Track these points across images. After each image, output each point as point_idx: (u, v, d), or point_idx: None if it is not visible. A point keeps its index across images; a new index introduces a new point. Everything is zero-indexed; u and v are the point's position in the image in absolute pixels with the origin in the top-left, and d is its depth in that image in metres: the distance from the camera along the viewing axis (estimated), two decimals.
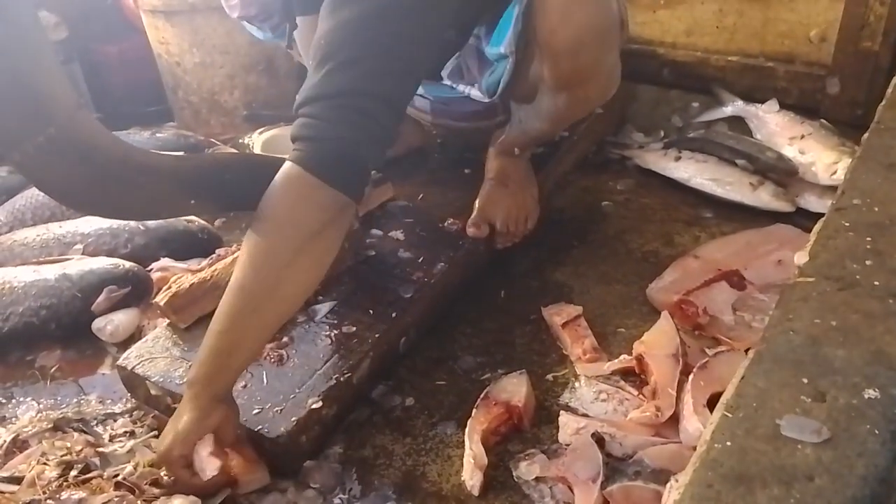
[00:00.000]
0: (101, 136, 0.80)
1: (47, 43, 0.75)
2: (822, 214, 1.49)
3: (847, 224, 0.93)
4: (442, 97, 1.46)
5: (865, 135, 1.15)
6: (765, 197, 1.58)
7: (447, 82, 1.33)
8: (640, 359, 1.19)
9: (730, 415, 0.67)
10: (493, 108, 1.46)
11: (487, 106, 1.41)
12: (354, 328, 1.23)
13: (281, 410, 1.09)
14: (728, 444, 0.65)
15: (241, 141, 1.96)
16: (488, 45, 1.23)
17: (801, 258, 0.88)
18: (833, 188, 1.57)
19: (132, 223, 1.51)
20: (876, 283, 0.83)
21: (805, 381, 0.71)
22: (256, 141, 1.78)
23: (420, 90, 1.43)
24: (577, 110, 1.35)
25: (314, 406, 1.09)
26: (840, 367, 0.72)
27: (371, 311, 1.26)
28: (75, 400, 1.25)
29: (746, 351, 1.18)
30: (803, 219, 1.54)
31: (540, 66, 1.23)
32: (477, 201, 1.46)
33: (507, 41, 1.19)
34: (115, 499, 0.93)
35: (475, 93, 1.31)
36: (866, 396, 0.69)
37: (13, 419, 1.21)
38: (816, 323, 0.78)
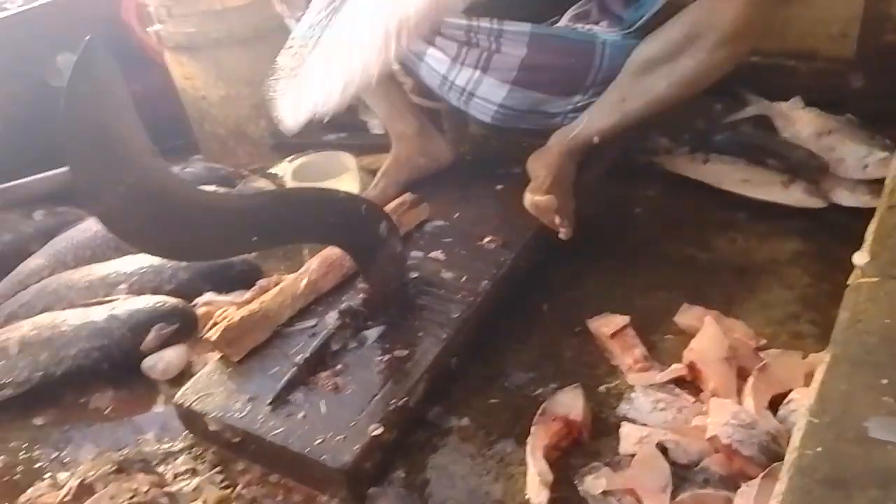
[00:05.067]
0: (172, 180, 0.83)
1: (127, 95, 0.78)
2: (855, 209, 1.50)
3: None
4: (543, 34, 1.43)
5: None
6: (797, 195, 1.58)
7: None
8: (692, 366, 1.19)
9: (816, 420, 0.68)
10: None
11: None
12: (406, 351, 1.23)
13: (344, 439, 1.09)
14: (819, 449, 0.65)
15: (269, 171, 1.98)
16: None
17: (860, 259, 0.89)
18: (865, 182, 1.57)
19: None
20: None
21: (885, 381, 0.72)
22: (286, 169, 1.79)
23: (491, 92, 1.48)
24: (720, 68, 1.29)
25: (375, 433, 1.10)
26: None
27: (420, 334, 1.27)
28: (133, 439, 1.26)
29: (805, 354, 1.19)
30: (836, 214, 1.54)
31: (712, 10, 1.21)
32: (536, 195, 1.43)
33: None
34: None
35: (599, 29, 1.38)
36: None
37: (74, 462, 1.22)
38: (887, 323, 0.78)
